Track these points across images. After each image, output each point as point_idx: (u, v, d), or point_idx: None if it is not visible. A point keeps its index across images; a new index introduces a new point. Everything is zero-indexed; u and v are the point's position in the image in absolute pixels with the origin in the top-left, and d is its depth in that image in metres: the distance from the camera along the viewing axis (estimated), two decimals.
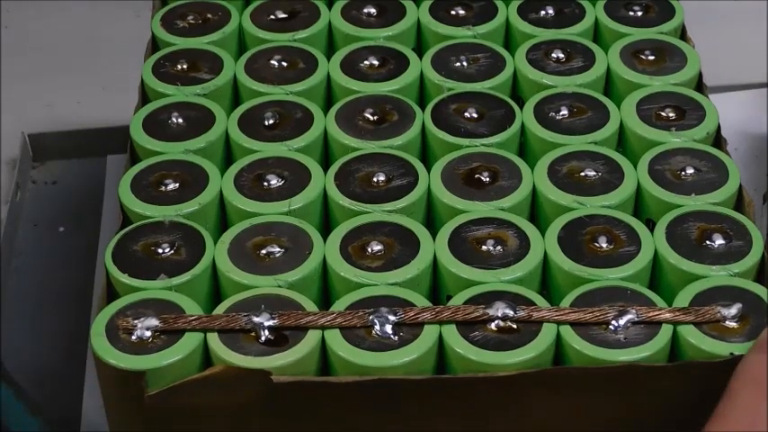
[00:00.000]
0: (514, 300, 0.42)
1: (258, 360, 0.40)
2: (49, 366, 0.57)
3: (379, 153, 0.47)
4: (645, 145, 0.48)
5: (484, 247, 0.44)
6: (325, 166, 0.47)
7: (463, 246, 0.44)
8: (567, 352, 0.41)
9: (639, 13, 0.54)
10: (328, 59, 0.52)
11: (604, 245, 0.44)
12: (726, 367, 0.40)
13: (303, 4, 0.55)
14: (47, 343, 0.58)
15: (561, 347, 0.41)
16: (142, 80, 0.51)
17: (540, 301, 0.42)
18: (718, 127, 0.49)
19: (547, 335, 0.41)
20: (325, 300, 0.44)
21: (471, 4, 0.55)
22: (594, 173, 0.46)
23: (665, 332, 0.41)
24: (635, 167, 0.47)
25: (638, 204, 0.47)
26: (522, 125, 0.49)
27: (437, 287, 0.44)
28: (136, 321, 0.41)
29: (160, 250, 0.43)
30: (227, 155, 0.49)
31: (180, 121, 0.49)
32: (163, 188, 0.46)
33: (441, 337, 0.41)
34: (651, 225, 0.45)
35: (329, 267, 0.43)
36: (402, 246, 0.44)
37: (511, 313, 0.41)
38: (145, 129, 0.49)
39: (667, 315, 0.41)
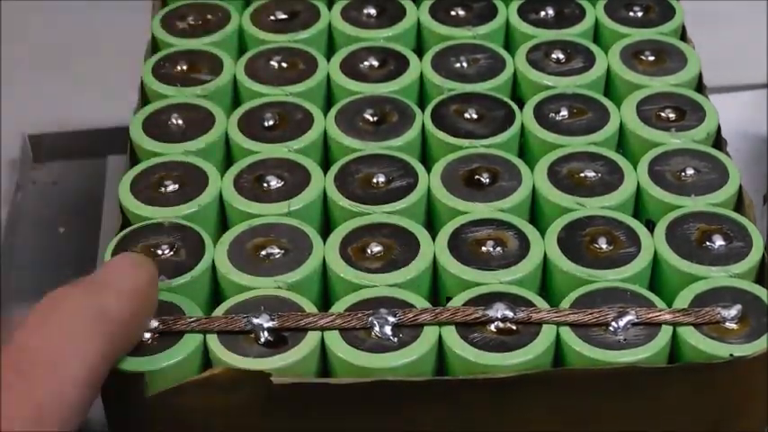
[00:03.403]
0: (514, 301, 0.42)
1: (258, 361, 0.40)
2: None
3: (379, 154, 0.47)
4: (645, 146, 0.48)
5: (484, 249, 0.44)
6: (325, 167, 0.47)
7: (463, 247, 0.44)
8: (566, 353, 0.41)
9: (639, 14, 0.54)
10: (328, 60, 0.52)
11: (604, 246, 0.44)
12: (726, 368, 0.40)
13: (303, 4, 0.55)
14: None
15: (561, 349, 0.41)
16: (142, 81, 0.51)
17: (539, 302, 0.42)
18: (719, 128, 0.49)
19: (546, 336, 0.41)
20: (324, 301, 0.44)
21: (471, 4, 0.55)
22: (594, 174, 0.46)
23: (665, 333, 0.41)
24: (635, 168, 0.47)
25: (638, 205, 0.47)
26: (522, 126, 0.49)
27: (437, 288, 0.44)
28: None
29: (159, 252, 0.43)
30: (227, 156, 0.49)
31: (180, 122, 0.49)
32: (162, 189, 0.46)
33: (440, 339, 0.41)
34: (651, 226, 0.45)
35: (329, 269, 0.43)
36: (402, 247, 0.44)
37: (510, 314, 0.41)
38: (144, 130, 0.49)
39: (667, 316, 0.41)
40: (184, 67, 0.52)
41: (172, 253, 0.43)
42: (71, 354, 0.36)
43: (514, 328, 0.41)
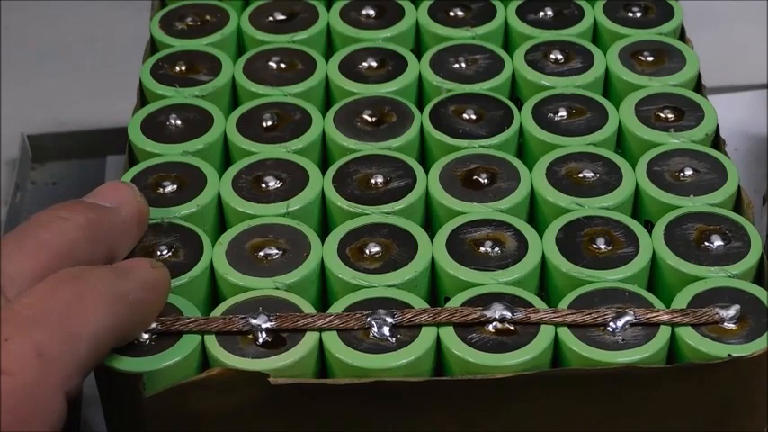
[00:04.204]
0: (512, 301, 0.42)
1: (256, 362, 0.40)
2: None
3: (378, 155, 0.47)
4: (643, 146, 0.48)
5: (482, 249, 0.44)
6: (324, 167, 0.47)
7: (461, 247, 0.44)
8: (564, 353, 0.41)
9: (638, 14, 0.54)
10: (327, 61, 0.52)
11: (603, 246, 0.44)
12: (724, 369, 0.40)
13: (302, 5, 0.55)
14: None
15: (559, 349, 0.41)
16: (140, 82, 0.51)
17: (538, 302, 0.42)
18: (717, 128, 0.49)
19: (545, 336, 0.41)
20: (322, 302, 0.44)
21: (470, 5, 0.55)
22: (593, 174, 0.46)
23: (664, 334, 0.41)
24: (633, 169, 0.47)
25: (637, 205, 0.47)
26: (521, 126, 0.49)
27: (435, 289, 0.44)
28: None
29: (158, 252, 0.43)
30: (226, 156, 0.49)
31: (178, 122, 0.49)
32: (161, 190, 0.46)
33: (438, 339, 0.41)
34: (650, 226, 0.45)
35: (327, 269, 0.43)
36: (400, 247, 0.44)
37: (509, 315, 0.41)
38: (143, 130, 0.49)
39: (665, 316, 0.41)
40: (183, 68, 0.52)
41: (170, 253, 0.43)
42: (79, 314, 0.36)
43: (513, 328, 0.41)
